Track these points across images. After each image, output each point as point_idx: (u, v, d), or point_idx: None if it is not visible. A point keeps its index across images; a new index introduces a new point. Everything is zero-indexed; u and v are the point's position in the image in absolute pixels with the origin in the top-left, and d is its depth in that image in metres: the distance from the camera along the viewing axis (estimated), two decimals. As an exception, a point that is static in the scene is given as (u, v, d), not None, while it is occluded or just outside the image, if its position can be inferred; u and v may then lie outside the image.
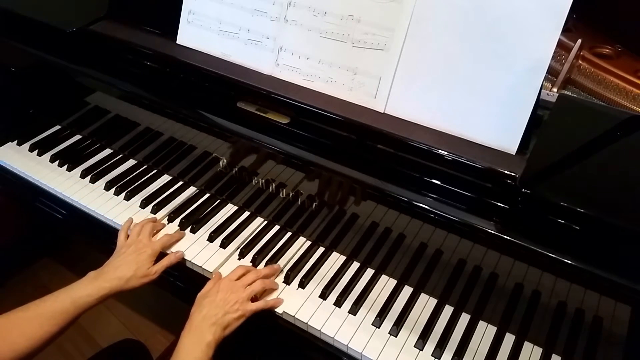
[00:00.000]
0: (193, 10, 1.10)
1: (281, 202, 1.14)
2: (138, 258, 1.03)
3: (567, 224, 0.76)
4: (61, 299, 0.94)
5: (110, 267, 1.02)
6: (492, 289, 0.96)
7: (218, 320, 0.91)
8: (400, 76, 0.92)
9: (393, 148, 0.90)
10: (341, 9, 0.95)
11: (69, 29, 1.19)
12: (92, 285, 0.97)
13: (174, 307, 1.75)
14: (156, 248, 1.07)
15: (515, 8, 0.83)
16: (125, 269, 1.01)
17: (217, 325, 0.91)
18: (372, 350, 0.93)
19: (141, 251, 1.05)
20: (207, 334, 0.89)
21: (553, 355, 0.92)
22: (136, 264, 1.02)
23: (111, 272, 1.00)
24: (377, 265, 1.06)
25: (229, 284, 0.98)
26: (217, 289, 0.97)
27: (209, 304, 0.94)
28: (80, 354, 1.71)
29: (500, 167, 0.82)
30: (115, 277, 0.99)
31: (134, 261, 1.03)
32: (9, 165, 1.33)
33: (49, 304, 0.93)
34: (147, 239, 1.08)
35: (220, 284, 0.98)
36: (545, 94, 0.96)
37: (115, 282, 0.98)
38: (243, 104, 1.03)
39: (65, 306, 0.93)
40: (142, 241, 1.07)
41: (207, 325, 0.90)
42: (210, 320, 0.91)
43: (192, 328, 0.91)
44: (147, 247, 1.06)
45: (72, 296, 0.95)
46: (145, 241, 1.07)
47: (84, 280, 0.99)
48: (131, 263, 1.02)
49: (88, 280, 0.99)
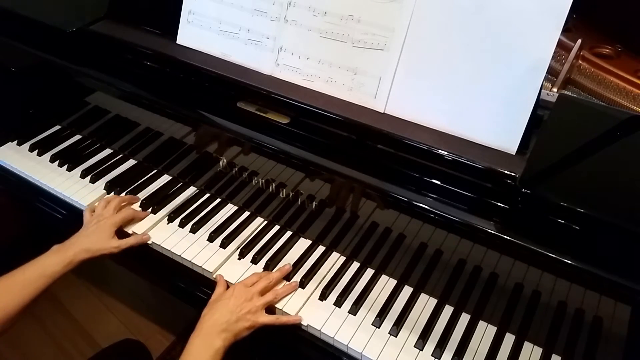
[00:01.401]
0: (193, 10, 1.10)
1: (281, 202, 1.14)
2: (98, 229, 1.08)
3: (567, 224, 0.76)
4: (30, 270, 1.00)
5: (73, 238, 1.08)
6: (492, 289, 0.96)
7: (230, 326, 0.91)
8: (400, 76, 0.92)
9: (393, 148, 0.90)
10: (341, 9, 0.95)
11: (69, 29, 1.19)
12: (57, 256, 1.03)
13: (174, 307, 1.75)
14: (116, 220, 1.11)
15: (515, 8, 0.83)
16: (85, 240, 1.07)
17: (228, 332, 0.90)
18: (372, 350, 0.93)
19: (101, 222, 1.10)
20: (217, 340, 0.89)
21: (553, 355, 0.92)
22: (95, 234, 1.08)
23: (73, 243, 1.06)
24: (377, 265, 1.06)
25: (244, 289, 0.97)
26: (230, 293, 0.96)
27: (221, 307, 0.93)
28: (80, 354, 1.71)
29: (500, 167, 0.82)
30: (77, 246, 1.05)
31: (94, 232, 1.08)
32: (9, 165, 1.33)
33: (18, 275, 0.99)
34: (110, 212, 1.13)
35: (235, 289, 0.97)
36: (545, 94, 0.96)
37: (77, 251, 1.04)
38: (243, 104, 1.03)
39: (34, 277, 0.99)
40: (103, 215, 1.12)
41: (218, 331, 0.90)
42: (222, 326, 0.90)
43: (203, 331, 0.90)
44: (108, 219, 1.11)
45: (40, 268, 1.01)
46: (107, 214, 1.12)
47: (50, 252, 1.04)
48: (91, 234, 1.08)
49: (52, 252, 1.04)
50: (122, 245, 1.08)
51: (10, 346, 1.73)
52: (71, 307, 1.85)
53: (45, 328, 1.79)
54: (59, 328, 1.79)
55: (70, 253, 1.03)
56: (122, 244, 1.08)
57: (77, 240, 1.07)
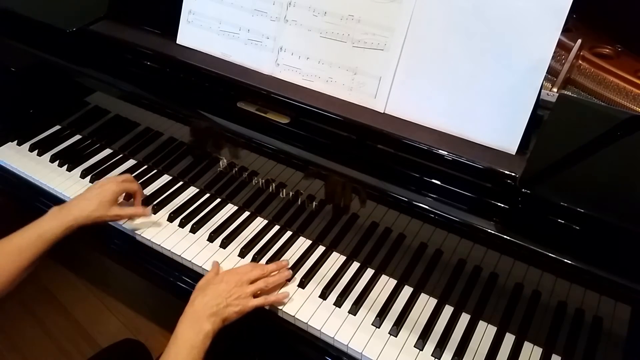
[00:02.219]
0: (193, 10, 1.10)
1: (281, 202, 1.14)
2: (100, 194, 1.07)
3: (567, 224, 0.76)
4: (28, 234, 0.99)
5: (74, 200, 1.08)
6: (492, 289, 0.96)
7: (219, 310, 0.91)
8: (400, 76, 0.92)
9: (393, 148, 0.90)
10: (341, 9, 0.95)
11: (69, 29, 1.19)
12: (56, 220, 1.02)
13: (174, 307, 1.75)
14: (119, 187, 1.11)
15: (515, 8, 0.83)
16: (86, 204, 1.05)
17: (217, 315, 0.90)
18: (372, 350, 0.93)
19: (103, 187, 1.09)
20: (206, 324, 0.89)
21: (553, 355, 0.92)
22: (96, 199, 1.06)
23: (74, 206, 1.05)
24: (377, 265, 1.06)
25: (235, 276, 0.97)
26: (220, 278, 0.97)
27: (211, 291, 0.94)
28: (80, 354, 1.71)
29: (500, 167, 0.82)
30: (78, 209, 1.04)
31: (96, 196, 1.07)
32: (9, 165, 1.33)
33: (17, 239, 0.98)
34: (113, 179, 1.12)
35: (225, 275, 0.98)
36: (545, 94, 0.96)
37: (78, 214, 1.03)
38: (243, 104, 1.03)
39: (32, 240, 0.98)
40: (108, 179, 1.13)
41: (207, 315, 0.90)
42: (211, 309, 0.91)
43: (192, 315, 0.90)
44: (110, 184, 1.10)
45: (39, 231, 1.00)
46: (111, 179, 1.12)
47: (48, 214, 1.03)
48: (93, 198, 1.07)
49: (52, 214, 1.03)
50: (121, 214, 1.09)
51: (10, 346, 1.73)
52: (71, 308, 1.85)
53: (45, 328, 1.79)
54: (59, 328, 1.79)
55: (71, 217, 1.02)
56: (122, 213, 1.09)
57: (77, 204, 1.06)
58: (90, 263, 1.99)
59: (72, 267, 1.96)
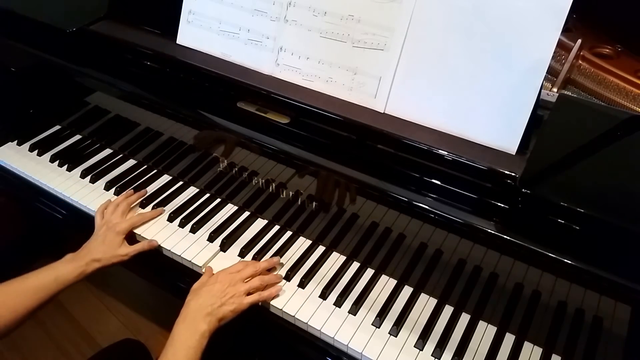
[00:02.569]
0: (193, 10, 1.10)
1: (281, 202, 1.13)
2: (107, 237, 1.08)
3: (567, 224, 0.76)
4: (43, 275, 1.00)
5: (85, 249, 1.07)
6: (492, 289, 0.96)
7: (214, 310, 0.92)
8: (400, 76, 0.92)
9: (393, 148, 0.90)
10: (341, 9, 0.95)
11: (69, 29, 1.19)
12: (70, 265, 1.03)
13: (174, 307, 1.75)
14: (125, 227, 1.10)
15: (515, 8, 0.83)
16: (96, 250, 1.06)
17: (212, 315, 0.91)
18: (372, 350, 0.93)
19: (110, 230, 1.09)
20: (202, 324, 0.90)
21: (553, 355, 0.92)
22: (104, 244, 1.07)
23: (85, 254, 1.05)
24: (377, 265, 1.06)
25: (228, 276, 0.99)
26: (214, 279, 0.98)
27: (206, 293, 0.95)
28: (80, 354, 1.71)
29: (500, 167, 0.82)
30: (89, 257, 1.04)
31: (103, 241, 1.07)
32: (9, 165, 1.33)
33: (32, 280, 0.99)
34: (119, 217, 1.12)
35: (219, 275, 0.99)
36: (545, 94, 0.96)
37: (89, 261, 1.04)
38: (243, 104, 1.03)
39: (47, 282, 0.99)
40: (112, 220, 1.11)
41: (203, 315, 0.91)
42: (206, 309, 0.92)
43: (188, 316, 0.92)
44: (117, 226, 1.10)
45: (54, 273, 1.01)
46: (115, 220, 1.11)
47: (63, 261, 1.04)
48: (101, 244, 1.07)
49: (66, 260, 1.04)
50: (131, 253, 1.08)
51: (10, 347, 1.73)
52: (71, 308, 1.85)
53: (46, 328, 1.79)
54: (59, 328, 1.79)
55: (83, 263, 1.03)
56: (130, 251, 1.08)
57: (88, 250, 1.06)
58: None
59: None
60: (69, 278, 1.01)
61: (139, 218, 1.15)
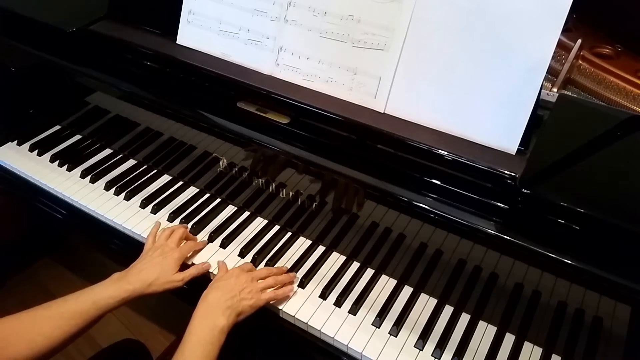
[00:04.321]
0: (193, 10, 1.10)
1: (281, 202, 1.14)
2: (164, 262, 1.00)
3: (567, 224, 0.76)
4: (82, 299, 0.92)
5: (135, 269, 0.99)
6: (492, 289, 0.96)
7: (233, 304, 0.91)
8: (400, 76, 0.92)
9: (393, 148, 0.90)
10: (341, 9, 0.95)
11: (69, 29, 1.19)
12: (115, 287, 0.95)
13: (174, 307, 1.75)
14: (184, 253, 1.04)
15: (515, 8, 0.83)
16: (149, 272, 0.98)
17: (231, 309, 0.90)
18: (372, 350, 0.93)
19: (167, 255, 1.02)
20: (220, 318, 0.88)
21: (553, 355, 0.92)
22: (161, 268, 0.99)
23: (135, 275, 0.97)
24: (377, 265, 1.06)
25: (243, 272, 0.98)
26: (230, 274, 0.98)
27: (223, 287, 0.94)
28: (80, 354, 1.71)
29: (500, 167, 0.82)
30: (139, 279, 0.96)
31: (159, 265, 0.99)
32: (9, 165, 1.33)
33: (71, 303, 0.91)
34: (175, 243, 1.05)
35: (234, 271, 0.99)
36: (545, 94, 0.96)
37: (139, 285, 0.96)
38: (243, 104, 1.03)
39: (86, 307, 0.91)
40: (169, 245, 1.04)
41: (222, 309, 0.89)
42: (225, 303, 0.90)
43: (206, 309, 0.90)
44: (174, 252, 1.03)
45: (94, 297, 0.93)
46: (172, 245, 1.04)
47: (107, 281, 0.97)
48: (156, 266, 0.99)
49: (111, 281, 0.96)
50: (186, 278, 1.01)
51: (10, 346, 1.73)
52: (71, 307, 1.85)
53: (45, 328, 1.79)
54: (59, 328, 1.79)
55: (131, 287, 0.95)
56: (186, 277, 1.01)
57: (139, 272, 0.98)
58: (90, 263, 1.99)
59: (72, 267, 1.96)
60: (110, 302, 0.93)
61: (193, 245, 1.09)
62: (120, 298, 0.94)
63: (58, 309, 0.90)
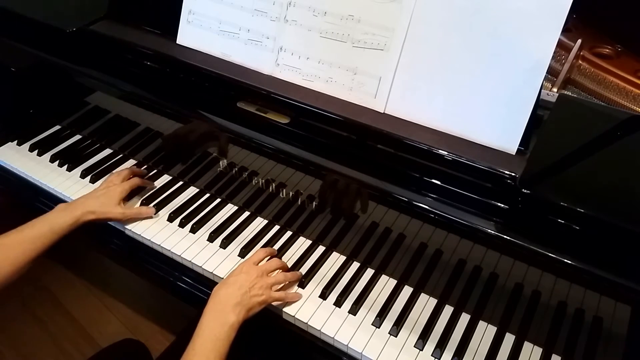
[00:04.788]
0: (193, 10, 1.10)
1: (281, 202, 1.14)
2: (106, 194, 1.13)
3: (567, 224, 0.76)
4: (38, 226, 1.03)
5: (81, 199, 1.12)
6: (492, 289, 0.96)
7: (243, 300, 0.91)
8: (400, 76, 0.92)
9: (393, 148, 0.90)
10: (341, 9, 0.95)
11: (69, 29, 1.19)
12: (65, 214, 1.06)
13: (174, 307, 1.75)
14: (125, 187, 1.16)
15: (515, 8, 0.83)
16: (93, 202, 1.11)
17: (241, 305, 0.90)
18: (372, 350, 0.93)
19: (110, 188, 1.15)
20: (230, 315, 0.88)
21: (553, 355, 0.92)
22: (103, 197, 1.12)
23: (81, 203, 1.10)
24: (377, 265, 1.06)
25: (254, 267, 0.98)
26: (239, 270, 0.98)
27: (233, 283, 0.94)
28: (80, 354, 1.71)
29: (500, 167, 0.82)
30: (85, 207, 1.09)
31: (103, 196, 1.13)
32: (9, 165, 1.33)
33: (28, 230, 1.02)
34: (119, 179, 1.18)
35: (244, 266, 0.99)
36: (545, 94, 0.96)
37: (84, 212, 1.08)
38: (243, 104, 1.03)
39: (43, 232, 1.02)
40: (112, 180, 1.18)
41: (232, 305, 0.89)
42: (235, 299, 0.90)
43: (216, 306, 0.90)
44: (117, 186, 1.16)
45: (49, 223, 1.04)
46: (116, 180, 1.18)
47: (56, 210, 1.08)
48: (99, 197, 1.12)
49: (59, 209, 1.08)
50: (126, 213, 1.13)
51: (10, 346, 1.73)
52: (71, 307, 1.85)
53: (45, 328, 1.79)
54: (59, 328, 1.79)
55: (78, 212, 1.07)
56: (127, 212, 1.13)
57: (85, 201, 1.11)
58: (90, 263, 1.99)
59: (72, 267, 1.96)
60: (63, 227, 1.04)
61: (138, 181, 1.20)
62: (71, 222, 1.06)
63: (17, 237, 1.01)
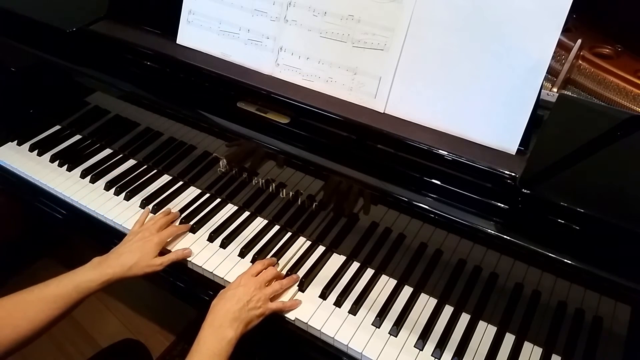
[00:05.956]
0: (193, 10, 1.10)
1: (281, 202, 1.13)
2: (143, 246, 1.03)
3: (567, 224, 0.76)
4: (64, 283, 0.95)
5: (115, 253, 1.02)
6: (492, 289, 0.96)
7: (241, 315, 0.91)
8: (400, 76, 0.92)
9: (393, 148, 0.90)
10: (341, 9, 0.95)
11: (69, 29, 1.19)
12: (95, 271, 0.98)
13: (174, 307, 1.75)
14: (163, 237, 1.07)
15: (515, 8, 0.83)
16: (129, 257, 1.01)
17: (239, 320, 0.90)
18: (372, 350, 0.93)
19: (147, 239, 1.05)
20: (228, 330, 0.88)
21: (553, 355, 0.92)
22: (140, 252, 1.02)
23: (115, 259, 1.00)
24: (377, 265, 1.06)
25: (251, 279, 0.98)
26: (237, 283, 0.97)
27: (231, 297, 0.93)
28: (80, 354, 1.71)
29: (500, 167, 0.82)
30: (119, 263, 0.99)
31: (139, 249, 1.02)
32: (9, 165, 1.33)
33: (52, 288, 0.93)
34: (156, 229, 1.08)
35: (242, 278, 0.98)
36: (545, 94, 0.96)
37: (118, 269, 0.98)
38: (243, 104, 1.03)
39: (67, 291, 0.94)
40: (149, 230, 1.07)
41: (230, 320, 0.89)
42: (233, 314, 0.90)
43: (214, 321, 0.90)
44: (154, 237, 1.05)
45: (75, 281, 0.95)
46: (153, 230, 1.07)
47: (88, 265, 0.99)
48: (135, 251, 1.02)
49: (92, 265, 0.99)
50: (165, 263, 1.04)
51: (10, 346, 1.73)
52: (71, 307, 1.85)
53: (45, 328, 1.79)
54: (59, 328, 1.77)
55: (111, 270, 0.98)
56: (165, 261, 1.04)
57: (119, 256, 1.01)
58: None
59: (72, 266, 1.95)
60: (91, 286, 0.96)
61: (175, 229, 1.11)
62: (100, 282, 0.97)
63: (40, 293, 0.92)
